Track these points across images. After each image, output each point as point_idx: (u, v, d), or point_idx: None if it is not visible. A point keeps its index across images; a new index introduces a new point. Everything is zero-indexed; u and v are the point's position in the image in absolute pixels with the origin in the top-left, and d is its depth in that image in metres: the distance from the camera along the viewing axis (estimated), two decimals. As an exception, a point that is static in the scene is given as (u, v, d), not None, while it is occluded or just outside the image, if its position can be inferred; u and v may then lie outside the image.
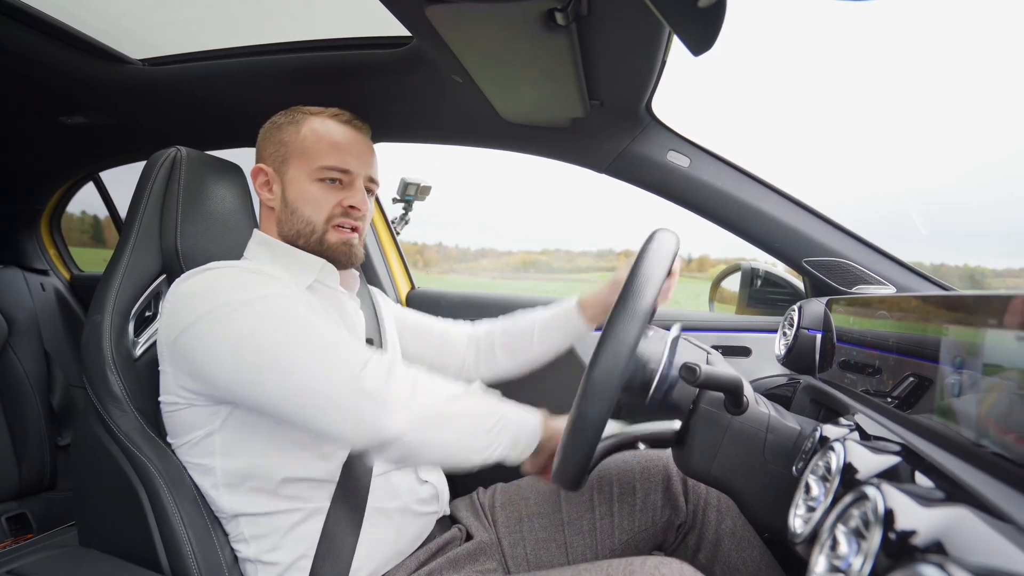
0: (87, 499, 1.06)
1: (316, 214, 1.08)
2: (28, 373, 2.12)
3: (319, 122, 1.10)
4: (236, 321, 0.87)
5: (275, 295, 0.91)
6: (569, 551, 1.15)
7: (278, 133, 1.10)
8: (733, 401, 0.83)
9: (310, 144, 1.08)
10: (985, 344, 0.56)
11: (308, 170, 1.08)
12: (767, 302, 1.64)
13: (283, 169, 1.09)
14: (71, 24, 1.36)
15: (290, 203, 1.08)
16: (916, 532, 0.45)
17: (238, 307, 0.87)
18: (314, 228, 1.08)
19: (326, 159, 1.08)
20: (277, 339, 0.86)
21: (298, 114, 1.12)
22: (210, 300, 0.89)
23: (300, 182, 1.08)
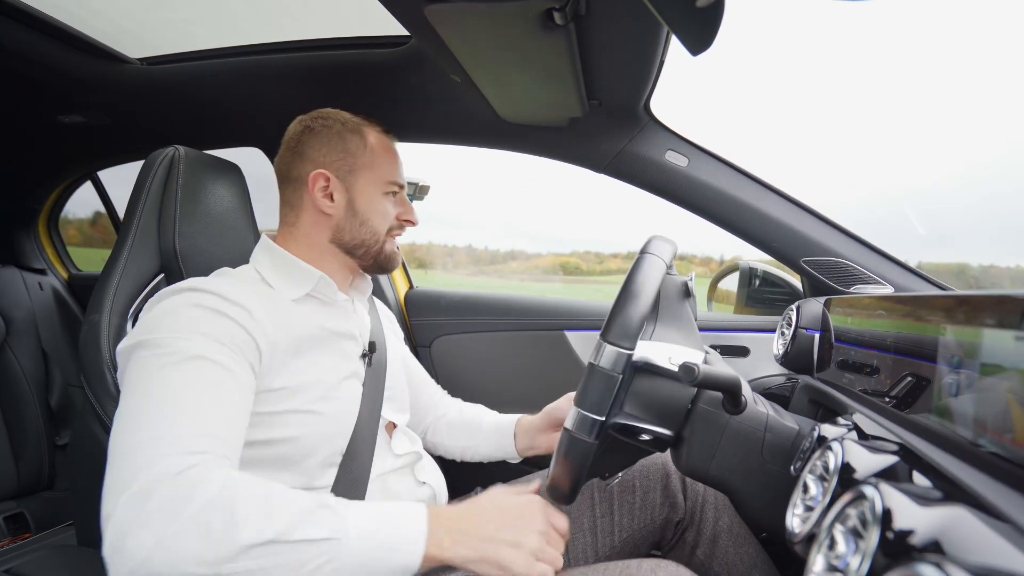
0: (85, 498, 1.05)
1: (382, 225, 1.11)
2: (26, 372, 2.12)
3: (376, 135, 1.13)
4: (141, 364, 0.81)
5: (195, 354, 0.81)
6: (569, 549, 1.15)
7: (341, 142, 1.09)
8: (731, 401, 0.83)
9: (379, 157, 1.11)
10: (983, 344, 0.56)
11: (378, 183, 1.11)
12: (765, 302, 1.64)
13: (351, 179, 1.09)
14: (70, 24, 1.36)
15: (360, 213, 1.09)
16: (914, 531, 0.45)
17: (157, 353, 0.81)
18: (378, 239, 1.11)
19: (393, 174, 1.13)
20: (137, 403, 0.77)
21: (351, 121, 1.12)
22: (147, 331, 0.84)
23: (371, 194, 1.10)
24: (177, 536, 0.63)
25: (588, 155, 1.49)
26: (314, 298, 1.07)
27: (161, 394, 0.77)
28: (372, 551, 0.70)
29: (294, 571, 0.66)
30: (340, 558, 0.68)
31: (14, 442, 2.06)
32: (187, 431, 0.73)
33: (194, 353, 0.81)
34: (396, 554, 0.72)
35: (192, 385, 0.79)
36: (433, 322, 1.91)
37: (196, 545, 0.63)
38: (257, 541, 0.65)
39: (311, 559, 0.67)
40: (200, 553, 0.63)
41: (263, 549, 0.65)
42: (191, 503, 0.65)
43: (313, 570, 0.67)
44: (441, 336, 1.89)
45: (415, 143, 1.67)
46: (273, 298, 1.00)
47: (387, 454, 1.10)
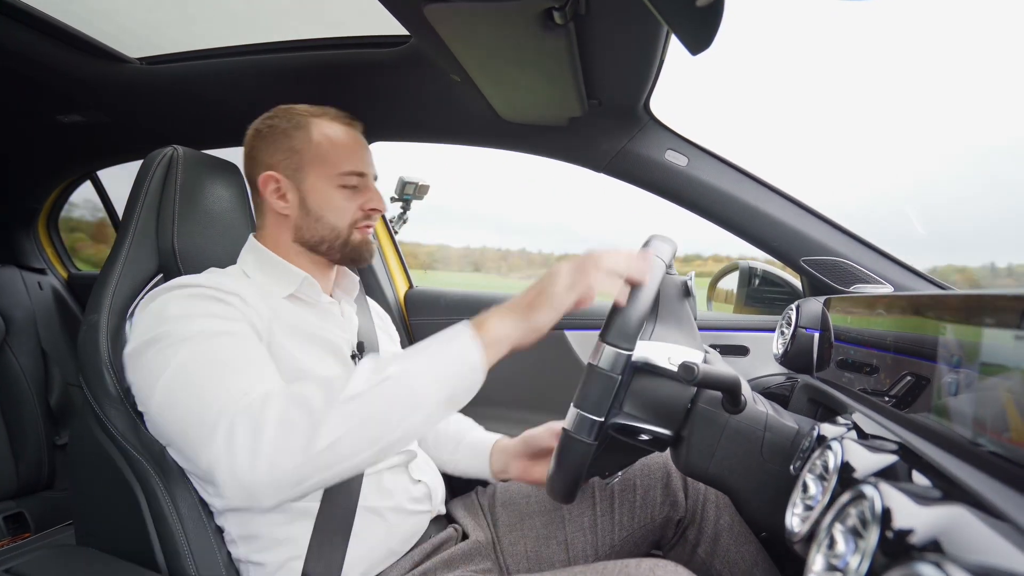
0: (84, 498, 1.05)
1: (341, 220, 1.09)
2: (26, 372, 2.12)
3: (326, 126, 1.09)
4: (161, 356, 0.85)
5: (210, 331, 0.87)
6: (570, 548, 1.15)
7: (286, 140, 1.07)
8: (731, 400, 0.83)
9: (326, 150, 1.07)
10: (982, 343, 0.56)
11: (329, 177, 1.07)
12: (765, 301, 1.64)
13: (299, 177, 1.07)
14: (69, 23, 1.36)
15: (313, 211, 1.08)
16: (913, 531, 0.45)
17: (170, 342, 0.86)
18: (339, 233, 1.09)
19: (346, 164, 1.08)
20: (181, 380, 0.83)
21: (298, 116, 1.09)
22: (151, 329, 0.88)
23: (322, 190, 1.07)
24: (275, 444, 0.73)
25: (588, 154, 1.49)
26: (298, 299, 1.08)
27: (197, 367, 0.83)
28: (437, 368, 0.80)
29: (384, 415, 0.76)
30: (415, 389, 0.78)
31: (14, 442, 2.06)
32: (237, 382, 0.82)
33: (209, 331, 0.87)
34: (458, 358, 0.81)
35: (220, 351, 0.86)
36: (433, 321, 1.90)
37: (292, 440, 0.74)
38: (335, 403, 0.75)
39: (391, 401, 0.77)
40: (298, 444, 0.73)
41: (345, 408, 0.75)
42: (268, 417, 0.75)
43: (399, 409, 0.77)
44: (441, 336, 1.89)
45: (415, 143, 1.67)
46: (263, 293, 1.02)
47: None
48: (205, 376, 0.83)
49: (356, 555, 0.99)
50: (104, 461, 0.96)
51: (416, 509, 1.10)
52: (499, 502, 1.22)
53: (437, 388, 0.79)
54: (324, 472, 0.75)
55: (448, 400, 0.80)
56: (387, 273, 1.94)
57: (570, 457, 0.83)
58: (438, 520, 1.18)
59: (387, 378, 0.77)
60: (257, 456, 0.73)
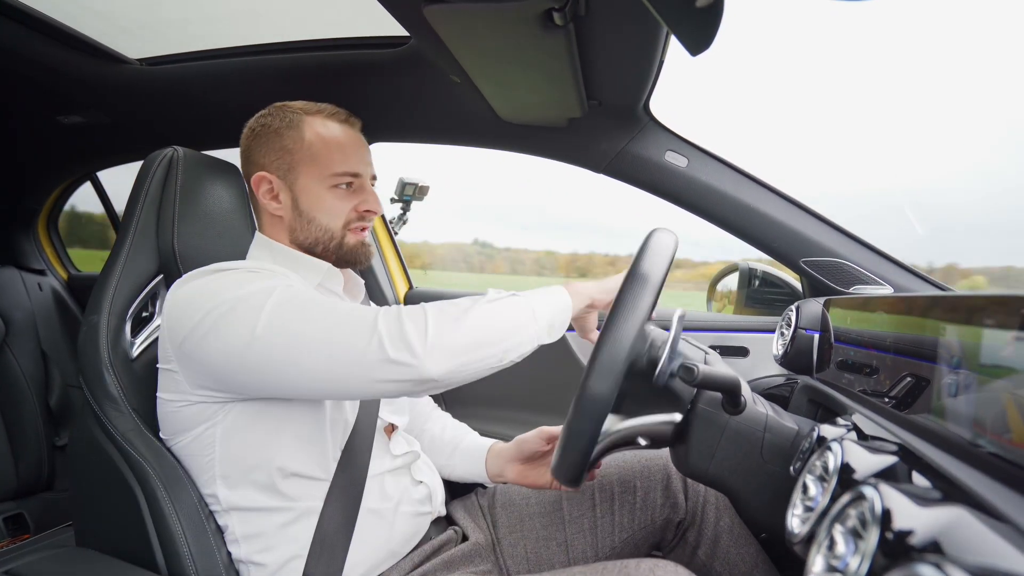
0: (84, 499, 1.05)
1: (334, 221, 1.07)
2: (25, 373, 2.12)
3: (320, 124, 1.07)
4: (242, 317, 0.85)
5: (273, 286, 0.88)
6: (570, 549, 1.15)
7: (278, 139, 1.06)
8: (731, 401, 0.83)
9: (318, 150, 1.05)
10: (982, 344, 0.56)
11: (320, 178, 1.05)
12: (765, 302, 1.64)
13: (291, 177, 1.06)
14: (69, 24, 1.36)
15: (305, 212, 1.06)
16: (913, 532, 0.45)
17: (238, 304, 0.86)
18: (332, 235, 1.07)
19: (338, 165, 1.06)
20: (286, 328, 0.84)
21: (291, 114, 1.08)
22: (212, 299, 0.87)
23: (313, 191, 1.06)
24: (438, 321, 0.85)
25: (588, 155, 1.49)
26: (324, 288, 1.08)
27: (297, 303, 0.87)
28: (545, 296, 0.96)
29: (512, 318, 0.91)
30: (532, 307, 0.93)
31: (13, 443, 2.06)
32: (348, 317, 0.86)
33: (272, 286, 0.89)
34: (557, 297, 0.97)
35: (301, 301, 0.88)
36: None
37: (448, 322, 0.86)
38: (479, 302, 0.90)
39: (515, 307, 0.92)
40: (453, 323, 0.86)
41: (486, 307, 0.90)
42: (402, 322, 0.84)
43: (524, 310, 0.92)
44: (441, 336, 1.89)
45: (415, 144, 1.67)
46: (289, 275, 1.02)
47: (385, 455, 1.10)
48: (312, 304, 0.87)
49: (357, 556, 0.99)
50: (104, 462, 0.96)
51: (417, 511, 1.10)
52: (499, 504, 1.22)
53: (545, 311, 0.93)
54: (473, 352, 0.86)
55: (549, 326, 0.94)
56: (387, 274, 1.94)
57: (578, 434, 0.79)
58: (438, 522, 1.18)
59: (513, 294, 0.94)
60: (427, 331, 0.83)
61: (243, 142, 1.11)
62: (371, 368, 0.83)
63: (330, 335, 0.84)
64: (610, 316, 0.79)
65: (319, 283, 1.07)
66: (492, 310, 0.89)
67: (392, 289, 1.93)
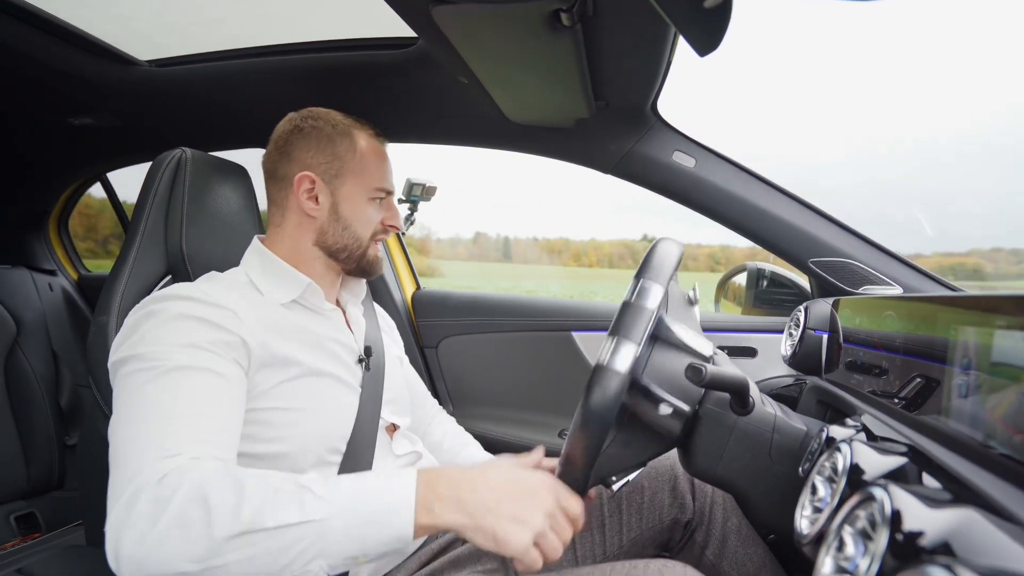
0: (94, 498, 1.06)
1: (365, 231, 1.11)
2: (36, 373, 2.13)
3: (366, 139, 1.12)
4: (125, 380, 0.83)
5: (173, 365, 0.82)
6: (577, 548, 1.15)
7: (330, 144, 1.08)
8: (739, 401, 0.83)
9: (368, 163, 1.10)
10: (993, 344, 0.56)
11: (365, 189, 1.10)
12: (773, 303, 1.64)
13: (336, 183, 1.08)
14: (79, 26, 1.36)
15: (343, 218, 1.09)
16: (923, 533, 0.44)
17: (135, 367, 0.83)
18: (360, 244, 1.11)
19: (382, 181, 1.12)
20: (125, 415, 0.79)
21: (340, 123, 1.11)
22: (128, 345, 0.86)
23: (356, 200, 1.10)
24: (161, 538, 0.65)
25: (595, 156, 1.49)
26: (300, 305, 1.07)
27: (147, 405, 0.79)
28: (358, 528, 0.69)
29: (280, 556, 0.66)
30: (325, 538, 0.68)
31: (24, 442, 2.07)
32: (172, 437, 0.75)
33: (178, 363, 0.82)
34: (385, 528, 0.70)
35: (177, 393, 0.80)
36: (440, 323, 1.91)
37: (180, 544, 0.65)
38: (232, 533, 0.65)
39: (293, 544, 0.67)
40: (185, 551, 0.65)
41: (241, 540, 0.65)
42: (171, 504, 0.66)
43: (298, 554, 0.67)
44: (448, 337, 1.90)
45: (422, 144, 1.67)
46: (261, 301, 1.01)
47: (388, 455, 1.10)
48: (156, 415, 0.78)
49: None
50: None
51: None
52: None
53: (353, 548, 0.70)
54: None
55: (356, 559, 0.71)
56: (394, 274, 1.95)
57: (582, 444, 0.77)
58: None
59: (306, 521, 0.67)
60: (141, 546, 0.65)
61: (284, 137, 1.10)
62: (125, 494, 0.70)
63: (138, 444, 0.75)
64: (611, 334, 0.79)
65: (295, 298, 1.05)
66: (266, 544, 0.66)
67: (400, 290, 1.94)
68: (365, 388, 1.09)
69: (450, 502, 0.73)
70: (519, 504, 0.74)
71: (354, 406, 1.05)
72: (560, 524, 0.76)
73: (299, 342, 1.00)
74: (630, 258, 8.44)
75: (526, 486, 0.76)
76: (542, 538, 0.74)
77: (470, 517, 0.73)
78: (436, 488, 0.74)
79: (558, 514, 0.76)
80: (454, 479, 0.75)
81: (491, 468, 0.78)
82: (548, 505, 0.75)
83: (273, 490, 0.69)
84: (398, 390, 1.19)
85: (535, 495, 0.75)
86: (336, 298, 1.17)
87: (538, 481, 0.77)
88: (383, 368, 1.16)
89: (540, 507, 0.75)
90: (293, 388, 0.96)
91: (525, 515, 0.73)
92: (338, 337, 1.09)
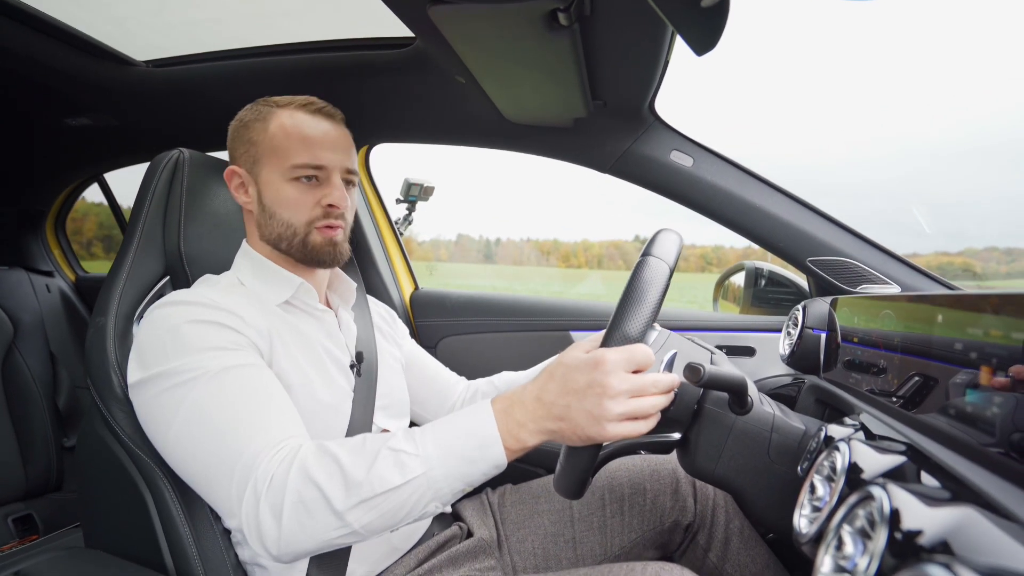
0: (92, 500, 1.06)
1: (295, 216, 1.03)
2: (34, 374, 2.13)
3: (287, 115, 1.03)
4: (173, 394, 0.85)
5: (221, 366, 0.86)
6: (578, 546, 1.15)
7: (246, 132, 1.05)
8: (737, 401, 0.83)
9: (280, 142, 1.02)
10: (991, 342, 0.56)
11: (281, 170, 1.02)
12: (771, 302, 1.64)
13: (256, 170, 1.04)
14: (76, 26, 1.36)
15: (267, 207, 1.03)
16: (922, 532, 0.44)
17: (182, 379, 0.85)
18: (295, 231, 1.03)
19: (298, 156, 1.01)
20: (198, 423, 0.83)
21: (264, 107, 1.05)
22: (158, 360, 0.87)
23: (274, 184, 1.02)
24: (294, 525, 0.76)
25: (593, 155, 1.49)
26: (294, 306, 1.06)
27: (211, 413, 0.83)
28: (458, 468, 0.78)
29: (399, 510, 0.77)
30: (431, 486, 0.77)
31: (22, 444, 2.06)
32: (254, 436, 0.81)
33: (217, 367, 0.85)
34: (480, 462, 0.78)
35: (234, 395, 0.85)
36: (439, 323, 1.91)
37: (312, 524, 0.76)
38: (351, 504, 0.75)
39: (407, 498, 0.76)
40: (319, 528, 0.76)
41: (360, 508, 0.75)
42: (287, 496, 0.75)
43: (415, 503, 0.77)
44: (447, 337, 1.89)
45: (419, 144, 1.67)
46: (258, 301, 1.01)
47: None
48: (224, 421, 0.82)
49: (359, 555, 0.99)
50: (112, 463, 0.97)
51: None
52: (508, 501, 1.23)
53: (460, 485, 0.79)
54: (342, 543, 0.79)
55: (465, 490, 0.81)
56: (392, 274, 1.95)
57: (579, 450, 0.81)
58: (442, 518, 1.18)
59: (413, 478, 0.76)
60: (280, 535, 0.76)
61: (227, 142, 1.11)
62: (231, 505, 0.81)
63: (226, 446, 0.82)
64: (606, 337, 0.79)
65: (287, 299, 1.04)
66: (384, 506, 0.76)
67: (398, 290, 1.94)
68: (357, 394, 1.08)
69: (529, 425, 0.78)
70: (585, 403, 0.75)
71: (346, 413, 1.05)
72: (635, 386, 0.75)
73: (294, 347, 1.00)
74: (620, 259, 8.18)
75: (580, 385, 0.76)
76: (625, 416, 0.75)
77: (552, 433, 0.78)
78: (514, 416, 0.79)
79: (624, 383, 0.74)
80: (525, 404, 0.79)
81: (548, 380, 0.79)
82: (614, 388, 0.74)
83: (370, 456, 0.77)
84: (394, 394, 1.18)
85: (590, 390, 0.75)
86: (325, 300, 1.16)
87: (587, 373, 0.76)
88: (375, 373, 1.14)
89: (602, 396, 0.74)
90: (292, 393, 0.95)
91: (596, 411, 0.74)
92: (330, 341, 1.08)
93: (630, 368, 0.75)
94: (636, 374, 0.76)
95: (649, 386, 0.76)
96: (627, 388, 0.74)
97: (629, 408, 0.74)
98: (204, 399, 0.84)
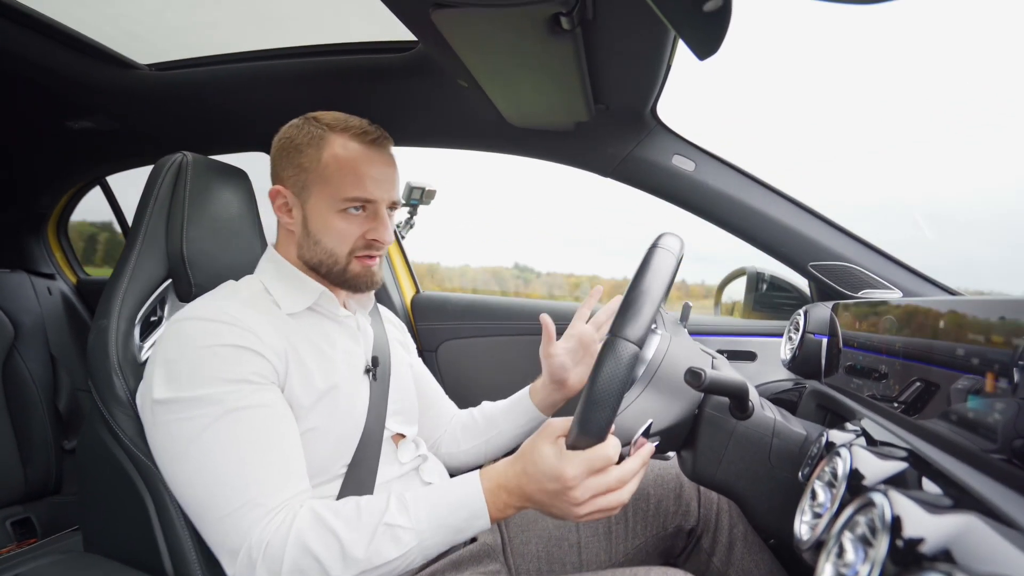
0: (92, 503, 1.06)
1: (340, 246, 1.03)
2: (34, 377, 2.12)
3: (340, 145, 1.03)
4: (189, 424, 0.87)
5: (239, 405, 0.88)
6: (582, 551, 1.15)
7: (297, 156, 1.03)
8: (738, 406, 0.83)
9: (332, 172, 1.02)
10: (993, 348, 0.56)
11: (331, 200, 1.02)
12: (773, 306, 1.63)
13: (304, 196, 1.03)
14: (79, 29, 1.36)
15: (312, 233, 1.04)
16: (924, 540, 0.44)
17: (200, 412, 0.87)
18: (337, 260, 1.04)
19: (350, 190, 1.01)
20: (207, 463, 0.86)
21: (316, 129, 1.04)
22: (180, 385, 0.88)
23: (322, 213, 1.02)
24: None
25: (595, 159, 1.49)
26: (316, 312, 1.06)
27: (216, 454, 0.86)
28: (448, 537, 0.85)
29: (393, 573, 0.83)
30: (424, 553, 0.85)
31: (22, 447, 2.06)
32: (262, 487, 0.85)
33: (232, 406, 0.87)
34: (468, 530, 0.86)
35: (241, 439, 0.87)
36: (439, 327, 1.91)
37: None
38: (355, 566, 0.81)
39: (401, 563, 0.83)
40: None
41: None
42: (284, 562, 0.80)
43: (407, 565, 0.84)
44: (447, 341, 1.89)
45: (422, 148, 1.67)
46: (276, 315, 1.00)
47: (393, 462, 1.10)
48: (229, 465, 0.85)
49: None
50: (112, 466, 0.97)
51: None
52: None
53: (448, 547, 0.87)
54: None
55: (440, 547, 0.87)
56: (394, 278, 1.95)
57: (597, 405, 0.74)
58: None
59: (407, 551, 0.83)
60: None
61: (271, 151, 1.09)
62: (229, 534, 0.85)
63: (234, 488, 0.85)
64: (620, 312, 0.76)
65: (311, 305, 1.05)
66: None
67: (399, 294, 1.94)
68: (372, 397, 1.08)
69: (513, 503, 0.86)
70: (557, 503, 0.82)
71: (362, 418, 1.05)
72: (601, 486, 0.80)
73: (312, 357, 1.00)
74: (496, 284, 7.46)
75: (550, 490, 0.82)
76: (595, 511, 0.81)
77: (534, 505, 0.85)
78: (500, 496, 0.86)
79: (588, 491, 0.80)
80: (509, 489, 0.86)
81: (523, 475, 0.85)
82: (575, 499, 0.80)
83: (367, 532, 0.83)
84: (405, 400, 1.18)
85: (559, 497, 0.81)
86: (344, 305, 1.15)
87: (553, 482, 0.81)
88: (388, 378, 1.15)
89: (570, 504, 0.80)
90: (306, 412, 0.96)
91: (568, 511, 0.81)
92: (349, 346, 1.08)
93: (592, 473, 0.79)
94: (600, 473, 0.80)
95: (614, 483, 0.80)
96: (592, 494, 0.80)
97: (596, 507, 0.81)
98: (216, 440, 0.86)
